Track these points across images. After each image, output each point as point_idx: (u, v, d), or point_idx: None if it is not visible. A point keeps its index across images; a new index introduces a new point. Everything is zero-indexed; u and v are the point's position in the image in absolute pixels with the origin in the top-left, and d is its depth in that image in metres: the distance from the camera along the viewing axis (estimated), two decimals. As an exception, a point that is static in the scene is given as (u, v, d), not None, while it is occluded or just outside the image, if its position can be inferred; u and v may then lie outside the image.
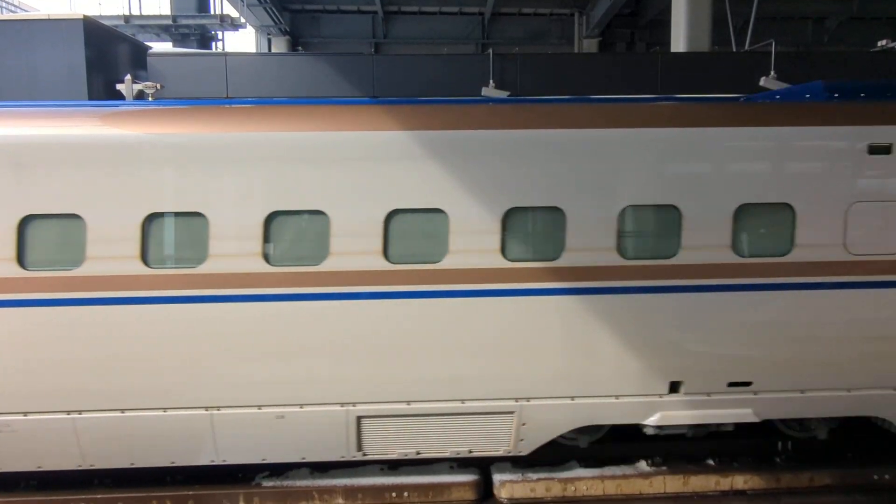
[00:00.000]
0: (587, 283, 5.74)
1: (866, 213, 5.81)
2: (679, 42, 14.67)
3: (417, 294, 5.68)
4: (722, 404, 6.08)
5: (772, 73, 10.73)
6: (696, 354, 5.93)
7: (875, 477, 6.66)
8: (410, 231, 5.69)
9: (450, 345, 5.77)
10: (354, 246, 5.61)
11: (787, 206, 5.79)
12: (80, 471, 6.41)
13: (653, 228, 5.87)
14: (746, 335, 5.92)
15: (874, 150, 5.78)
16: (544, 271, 5.71)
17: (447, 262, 5.67)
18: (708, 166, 5.78)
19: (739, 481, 6.56)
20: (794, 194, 5.78)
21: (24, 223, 5.52)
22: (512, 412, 5.99)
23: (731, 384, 6.04)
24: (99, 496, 6.25)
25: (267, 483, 6.40)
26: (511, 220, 5.68)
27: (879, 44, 13.61)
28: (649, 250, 5.83)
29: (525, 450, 6.19)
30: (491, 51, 11.45)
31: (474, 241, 5.66)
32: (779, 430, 6.87)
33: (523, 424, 6.04)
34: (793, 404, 6.15)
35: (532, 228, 5.83)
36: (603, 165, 5.71)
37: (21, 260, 5.54)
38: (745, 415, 6.09)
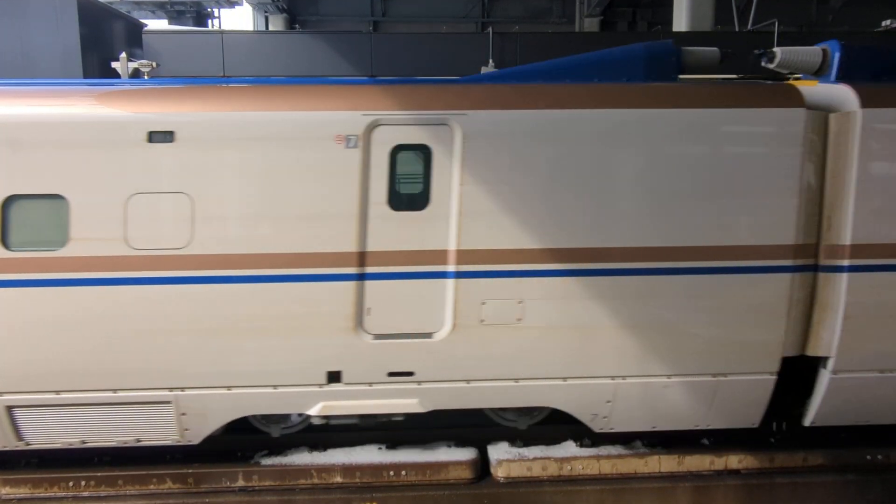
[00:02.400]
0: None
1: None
2: (681, 21, 14.55)
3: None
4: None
5: (774, 53, 10.59)
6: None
7: (868, 457, 6.73)
8: None
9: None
10: None
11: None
12: (80, 448, 6.47)
13: None
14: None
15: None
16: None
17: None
18: None
19: (734, 461, 6.62)
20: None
21: None
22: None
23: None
24: (99, 474, 6.30)
25: (266, 461, 6.46)
26: None
27: (883, 23, 13.47)
28: None
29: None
30: (491, 29, 11.34)
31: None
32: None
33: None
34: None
35: None
36: None
37: None
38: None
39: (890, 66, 6.14)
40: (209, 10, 21.07)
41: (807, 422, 6.35)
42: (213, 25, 21.79)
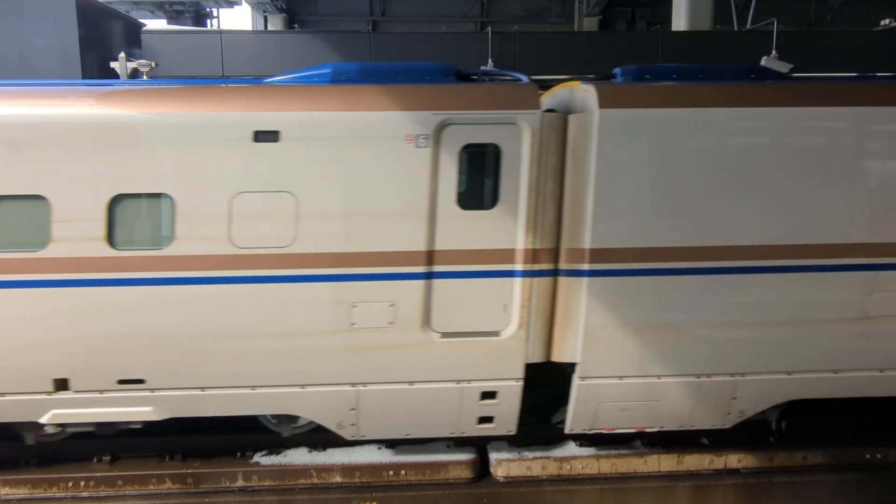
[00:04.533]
0: None
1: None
2: (680, 21, 14.55)
3: None
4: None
5: (773, 52, 10.64)
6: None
7: (867, 456, 6.73)
8: None
9: None
10: None
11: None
12: (80, 449, 6.47)
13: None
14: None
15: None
16: None
17: None
18: None
19: (733, 460, 6.63)
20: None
21: None
22: None
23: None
24: (98, 474, 6.30)
25: (265, 461, 6.46)
26: None
27: (882, 23, 13.48)
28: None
29: None
30: (490, 29, 11.35)
31: None
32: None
33: None
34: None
35: None
36: None
37: None
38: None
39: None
40: (208, 9, 21.05)
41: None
42: (212, 25, 21.79)
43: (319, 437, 6.57)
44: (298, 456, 6.52)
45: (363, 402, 5.95)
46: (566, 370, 6.06)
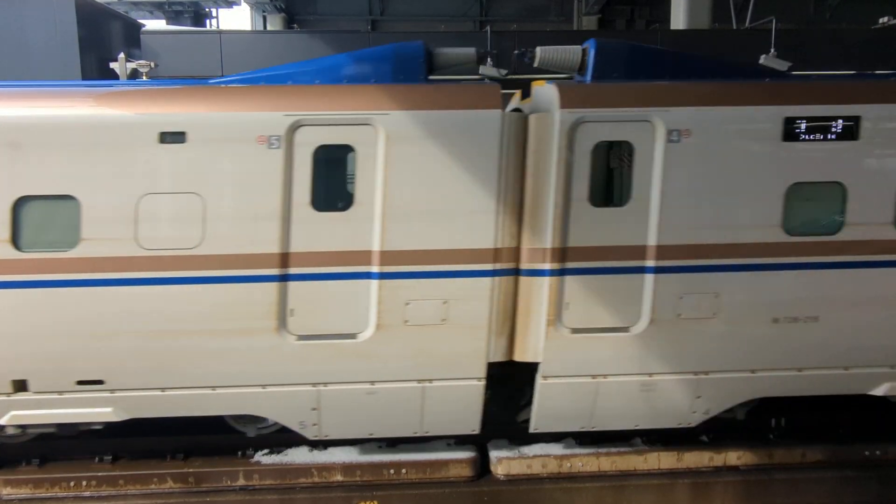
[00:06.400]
0: None
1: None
2: (679, 19, 14.57)
3: None
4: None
5: (772, 50, 10.64)
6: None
7: (866, 453, 6.76)
8: None
9: None
10: None
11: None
12: (80, 448, 6.49)
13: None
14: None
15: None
16: None
17: None
18: None
19: (733, 457, 6.65)
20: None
21: None
22: None
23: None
24: (100, 474, 6.32)
25: (266, 460, 6.48)
26: None
27: (881, 21, 13.49)
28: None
29: None
30: (489, 28, 11.34)
31: None
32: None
33: None
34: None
35: None
36: None
37: None
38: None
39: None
40: (207, 9, 21.08)
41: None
42: (211, 25, 21.82)
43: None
44: (299, 455, 6.54)
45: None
46: None
